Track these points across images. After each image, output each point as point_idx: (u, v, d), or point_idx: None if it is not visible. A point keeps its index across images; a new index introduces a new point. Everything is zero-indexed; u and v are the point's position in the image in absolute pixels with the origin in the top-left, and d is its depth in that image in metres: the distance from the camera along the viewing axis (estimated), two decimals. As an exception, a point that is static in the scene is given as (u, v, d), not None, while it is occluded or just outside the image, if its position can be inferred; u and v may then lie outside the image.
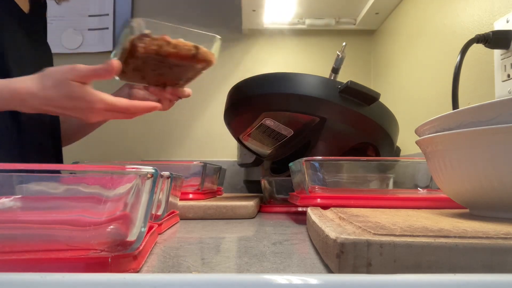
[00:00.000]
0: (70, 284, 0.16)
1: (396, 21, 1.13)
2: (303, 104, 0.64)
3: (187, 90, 0.68)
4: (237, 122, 0.75)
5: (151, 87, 0.65)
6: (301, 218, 0.55)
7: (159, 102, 0.68)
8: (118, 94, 0.72)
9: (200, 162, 0.66)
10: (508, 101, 0.28)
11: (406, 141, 0.92)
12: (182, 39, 0.57)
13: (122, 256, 0.22)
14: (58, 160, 0.79)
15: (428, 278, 0.17)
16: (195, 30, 0.59)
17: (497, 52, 0.62)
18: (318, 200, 0.46)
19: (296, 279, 0.16)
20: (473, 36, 0.61)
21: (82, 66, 0.55)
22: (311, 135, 0.67)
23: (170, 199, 0.44)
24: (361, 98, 0.63)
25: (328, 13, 1.24)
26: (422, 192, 0.52)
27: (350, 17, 1.26)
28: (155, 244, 0.33)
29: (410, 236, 0.22)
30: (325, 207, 0.43)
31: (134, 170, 0.23)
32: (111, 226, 0.23)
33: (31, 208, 0.24)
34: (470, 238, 0.21)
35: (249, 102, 0.70)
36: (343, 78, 0.72)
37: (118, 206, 0.23)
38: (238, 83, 0.72)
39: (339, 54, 0.88)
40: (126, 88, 0.74)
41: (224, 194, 0.91)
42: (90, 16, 1.33)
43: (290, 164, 0.57)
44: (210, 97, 1.34)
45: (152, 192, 0.24)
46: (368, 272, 0.21)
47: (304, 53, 1.35)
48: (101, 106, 0.56)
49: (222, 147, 1.32)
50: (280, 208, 0.66)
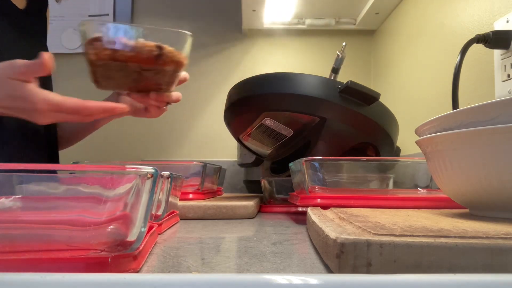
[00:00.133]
0: (70, 284, 0.16)
1: (396, 21, 1.13)
2: (303, 104, 0.64)
3: (175, 94, 0.62)
4: (237, 122, 0.75)
5: (133, 94, 0.59)
6: (301, 218, 0.55)
7: (146, 109, 0.63)
8: (107, 99, 0.69)
9: (200, 162, 0.66)
10: (508, 101, 0.28)
11: (406, 141, 0.92)
12: (143, 40, 0.49)
13: (122, 256, 0.22)
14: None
15: (428, 278, 0.17)
16: (161, 28, 0.51)
17: (497, 52, 0.62)
18: (318, 200, 0.46)
19: (296, 279, 0.16)
20: (473, 36, 0.61)
21: (18, 62, 0.49)
22: (311, 135, 0.67)
23: (170, 199, 0.44)
24: (361, 98, 0.63)
25: (328, 13, 1.24)
26: (422, 192, 0.52)
27: (350, 17, 1.26)
28: (155, 244, 0.33)
29: (410, 236, 0.22)
30: (325, 207, 0.43)
31: (134, 170, 0.23)
32: (111, 226, 0.23)
33: (31, 208, 0.24)
34: (470, 238, 0.21)
35: (249, 102, 0.70)
36: (343, 78, 0.72)
37: (118, 206, 0.23)
38: (238, 83, 0.72)
39: (339, 54, 0.88)
40: (115, 94, 0.70)
41: (224, 194, 0.91)
42: (90, 16, 1.33)
43: (290, 164, 0.57)
44: (210, 97, 1.34)
45: (152, 192, 0.24)
46: (368, 272, 0.21)
47: (304, 53, 1.35)
48: (44, 107, 0.50)
49: (222, 147, 1.32)
50: (280, 208, 0.66)
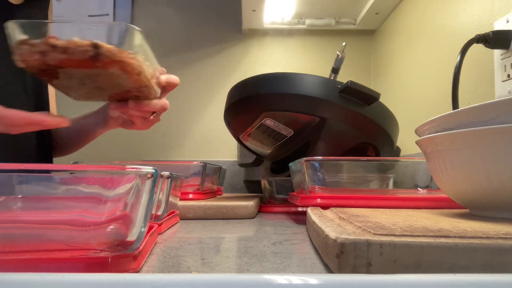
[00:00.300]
0: (70, 284, 0.16)
1: (396, 21, 1.13)
2: (303, 104, 0.64)
3: (159, 102, 0.53)
4: (237, 122, 0.75)
5: (112, 104, 0.52)
6: (301, 218, 0.55)
7: (132, 120, 0.57)
8: (101, 109, 0.67)
9: (200, 162, 0.66)
10: (508, 101, 0.28)
11: (406, 141, 0.92)
12: (77, 38, 0.40)
13: (122, 256, 0.22)
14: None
15: (428, 278, 0.17)
16: (100, 22, 0.44)
17: (497, 52, 0.62)
18: (318, 200, 0.46)
19: (296, 279, 0.16)
20: (473, 36, 0.61)
21: None
22: (311, 135, 0.67)
23: (170, 199, 0.44)
24: (361, 98, 0.63)
25: (328, 13, 1.24)
26: (422, 192, 0.52)
27: (350, 17, 1.26)
28: (155, 244, 0.33)
29: (410, 236, 0.22)
30: (325, 207, 0.43)
31: (134, 170, 0.23)
32: (111, 226, 0.23)
33: (31, 208, 0.24)
34: (470, 238, 0.21)
35: (249, 102, 0.70)
36: (343, 78, 0.72)
37: (118, 206, 0.23)
38: (238, 83, 0.72)
39: (339, 54, 0.88)
40: (107, 103, 0.64)
41: (224, 194, 0.91)
42: (90, 16, 1.33)
43: (290, 164, 0.57)
44: (210, 97, 1.34)
45: (152, 192, 0.24)
46: (368, 272, 0.21)
47: (304, 53, 1.35)
48: None
49: (222, 147, 1.32)
50: (280, 208, 0.66)
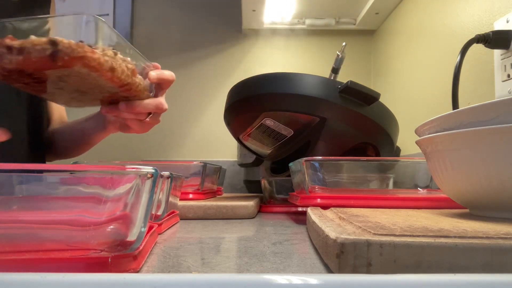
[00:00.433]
0: (70, 284, 0.16)
1: (396, 21, 1.13)
2: (303, 104, 0.64)
3: (153, 102, 0.51)
4: (237, 122, 0.75)
5: (103, 107, 0.51)
6: (301, 218, 0.55)
7: (127, 124, 0.55)
8: (97, 113, 0.65)
9: (200, 162, 0.66)
10: (508, 101, 0.28)
11: (406, 141, 0.92)
12: (33, 36, 0.36)
13: (122, 256, 0.22)
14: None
15: (428, 278, 0.17)
16: (61, 15, 0.40)
17: (497, 52, 0.62)
18: (318, 200, 0.46)
19: (296, 279, 0.16)
20: (473, 36, 0.61)
21: None
22: (311, 135, 0.67)
23: (170, 199, 0.44)
24: (361, 98, 0.63)
25: (328, 13, 1.24)
26: (422, 192, 0.52)
27: (350, 17, 1.26)
28: (155, 244, 0.33)
29: (410, 236, 0.22)
30: (325, 207, 0.43)
31: (134, 170, 0.23)
32: (111, 226, 0.23)
33: (31, 208, 0.24)
34: (470, 238, 0.21)
35: (249, 102, 0.70)
36: (343, 78, 0.72)
37: (118, 206, 0.23)
38: (238, 83, 0.72)
39: (339, 54, 0.88)
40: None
41: (224, 194, 0.91)
42: (90, 16, 1.33)
43: (290, 164, 0.57)
44: (210, 97, 1.34)
45: (152, 192, 0.24)
46: (368, 272, 0.21)
47: (304, 53, 1.35)
48: None
49: (222, 147, 1.32)
50: (280, 208, 0.66)
